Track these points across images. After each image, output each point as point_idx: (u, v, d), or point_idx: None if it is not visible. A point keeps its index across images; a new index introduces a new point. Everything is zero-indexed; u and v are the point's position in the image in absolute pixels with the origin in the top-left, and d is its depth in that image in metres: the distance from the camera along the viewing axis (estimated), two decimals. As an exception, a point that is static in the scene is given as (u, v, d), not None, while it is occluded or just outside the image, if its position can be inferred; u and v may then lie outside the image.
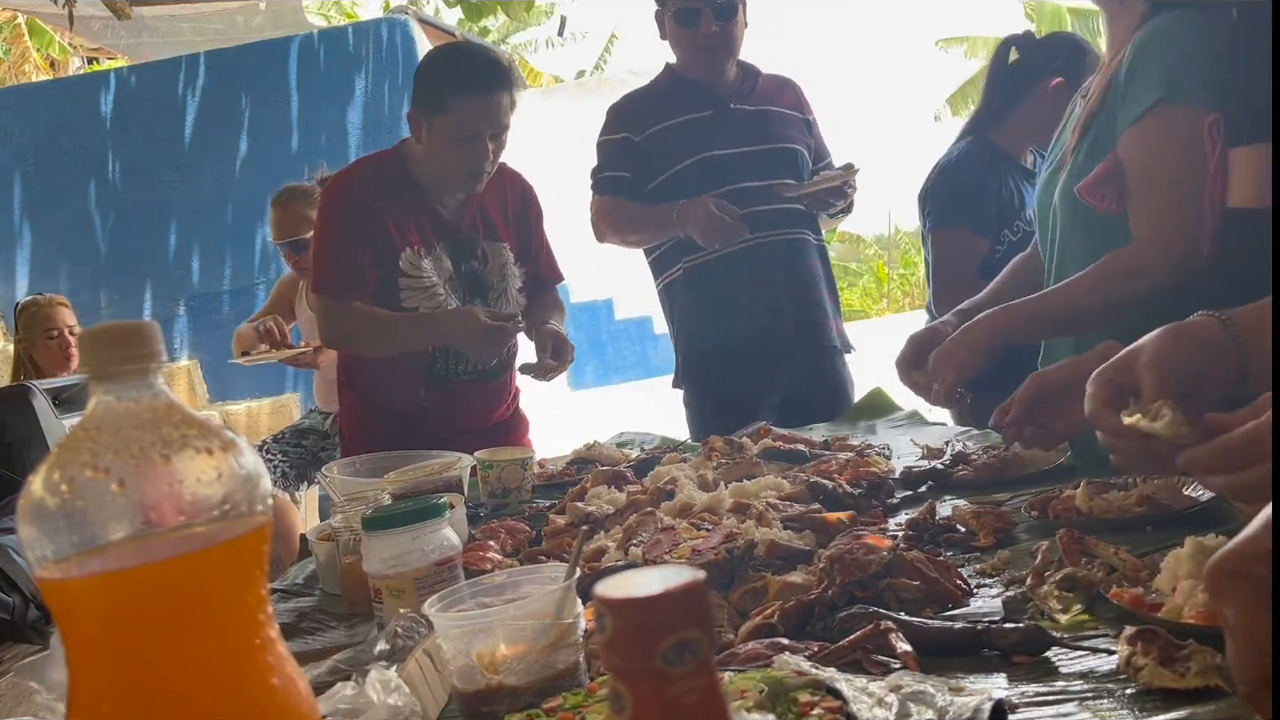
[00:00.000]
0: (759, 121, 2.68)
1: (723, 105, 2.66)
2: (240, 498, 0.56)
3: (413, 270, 2.37)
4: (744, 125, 2.66)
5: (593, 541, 1.42)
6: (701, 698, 0.43)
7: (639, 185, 2.66)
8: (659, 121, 2.65)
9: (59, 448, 0.55)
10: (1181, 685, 0.76)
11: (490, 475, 2.00)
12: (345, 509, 1.50)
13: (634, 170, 2.66)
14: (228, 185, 7.57)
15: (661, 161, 2.64)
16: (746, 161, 2.62)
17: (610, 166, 2.70)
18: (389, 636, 1.08)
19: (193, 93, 7.64)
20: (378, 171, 2.44)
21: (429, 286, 2.39)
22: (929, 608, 1.05)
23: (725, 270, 2.61)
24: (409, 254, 2.37)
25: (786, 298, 2.64)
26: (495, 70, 2.30)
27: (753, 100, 2.71)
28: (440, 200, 2.42)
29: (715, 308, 2.65)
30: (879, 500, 1.53)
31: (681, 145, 2.63)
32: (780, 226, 2.63)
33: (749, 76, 2.74)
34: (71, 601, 0.54)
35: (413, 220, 2.39)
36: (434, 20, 9.93)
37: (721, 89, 2.68)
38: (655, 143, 2.65)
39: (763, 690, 0.80)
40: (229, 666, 0.55)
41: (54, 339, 4.10)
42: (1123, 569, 1.04)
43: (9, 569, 1.83)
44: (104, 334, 0.57)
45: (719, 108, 2.66)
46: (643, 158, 2.66)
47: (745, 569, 1.19)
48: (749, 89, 2.72)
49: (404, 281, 2.37)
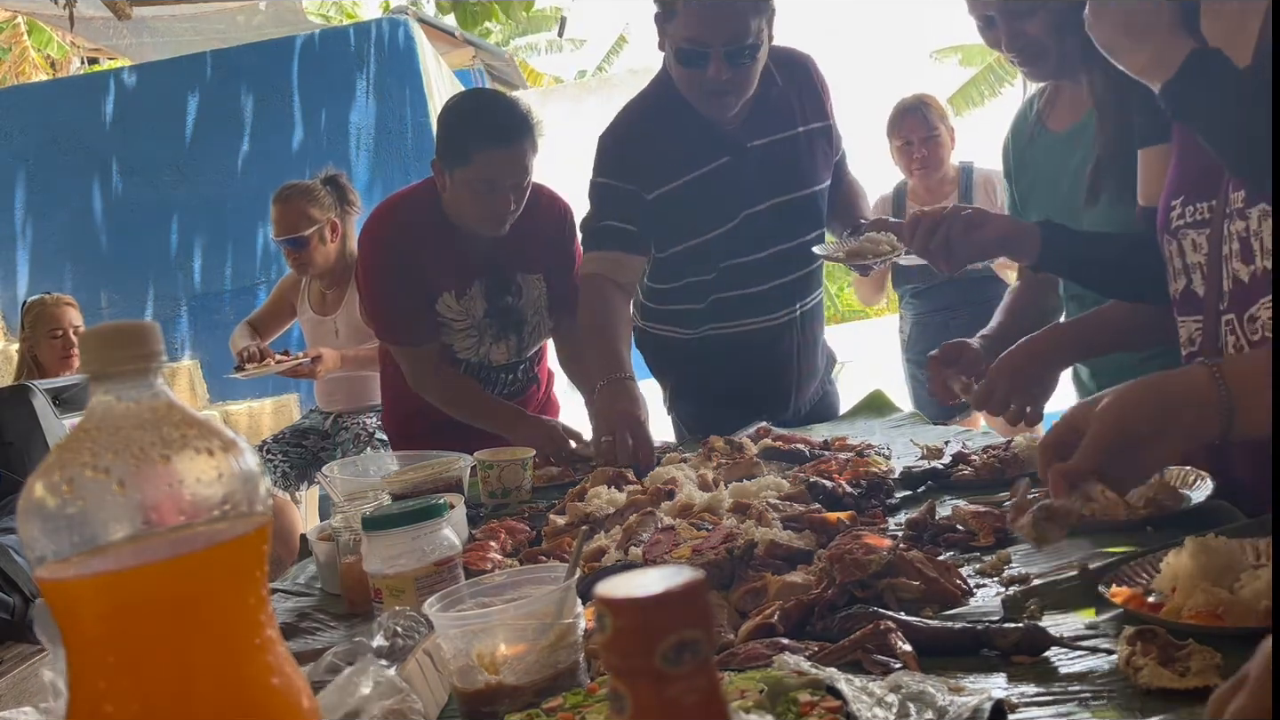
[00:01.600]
0: (782, 162, 2.28)
1: (740, 147, 2.24)
2: (240, 498, 0.56)
3: (449, 313, 2.43)
4: (764, 172, 2.27)
5: (593, 541, 1.42)
6: (701, 698, 0.43)
7: (646, 243, 2.29)
8: (668, 178, 2.23)
9: (59, 448, 0.55)
10: (1181, 685, 0.76)
11: (490, 475, 2.00)
12: (345, 509, 1.50)
13: (645, 225, 2.26)
14: (229, 185, 7.57)
15: (683, 225, 2.27)
16: (780, 218, 2.29)
17: (610, 215, 2.26)
18: (388, 634, 1.08)
19: (194, 92, 7.64)
20: (412, 213, 2.44)
21: (465, 327, 2.45)
22: (929, 608, 1.05)
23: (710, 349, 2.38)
24: (447, 298, 2.42)
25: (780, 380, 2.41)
26: (516, 121, 2.26)
27: (774, 123, 2.28)
28: (474, 237, 2.40)
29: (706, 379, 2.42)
30: (879, 500, 1.53)
31: (696, 209, 2.25)
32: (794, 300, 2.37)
33: (766, 85, 2.24)
34: (71, 601, 0.54)
35: (449, 262, 2.40)
36: (434, 20, 9.93)
37: (735, 126, 2.24)
38: (671, 204, 2.24)
39: (763, 690, 0.80)
40: (229, 666, 0.55)
41: (58, 338, 4.11)
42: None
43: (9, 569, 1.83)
44: (104, 334, 0.57)
45: (736, 152, 2.24)
46: (655, 218, 2.25)
47: (745, 569, 1.19)
48: (768, 108, 2.27)
49: (441, 323, 2.43)
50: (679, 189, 2.24)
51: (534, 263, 2.49)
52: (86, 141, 7.62)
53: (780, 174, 2.29)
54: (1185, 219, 1.36)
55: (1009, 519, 1.07)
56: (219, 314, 7.61)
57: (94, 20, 7.33)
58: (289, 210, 3.47)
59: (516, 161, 2.26)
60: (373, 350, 3.33)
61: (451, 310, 2.43)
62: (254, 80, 7.68)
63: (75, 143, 7.62)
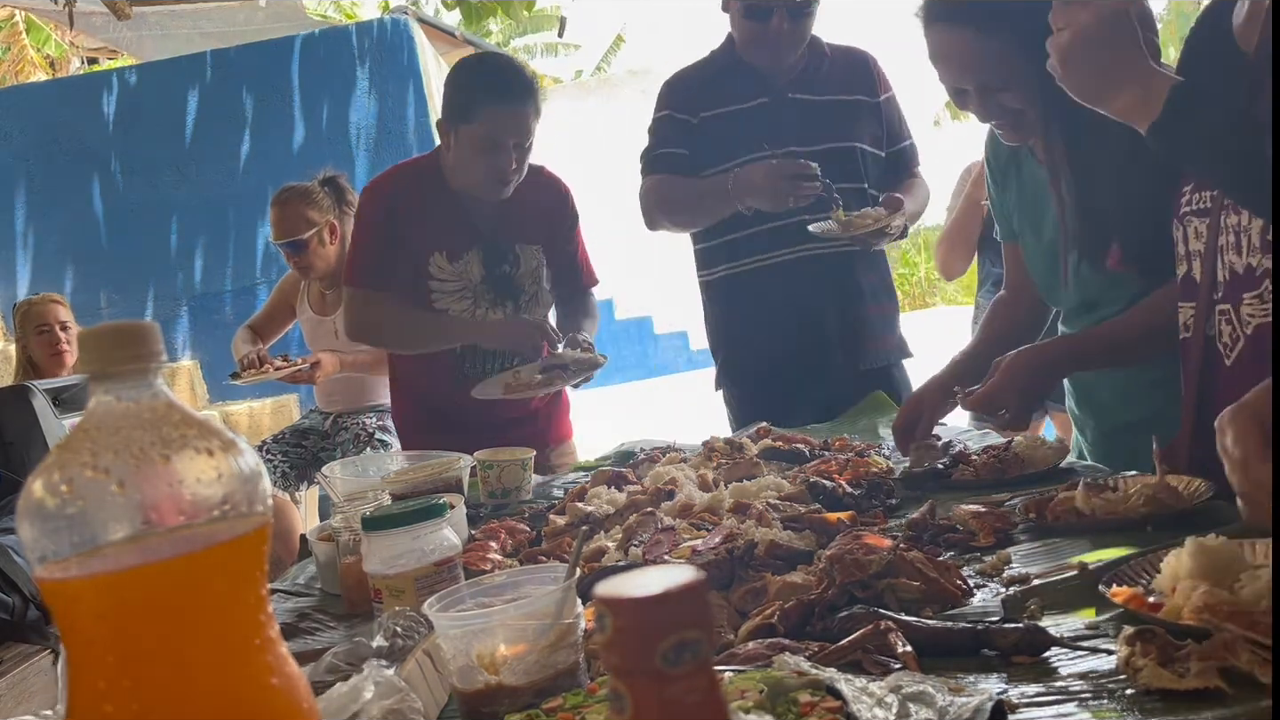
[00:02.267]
0: (819, 115, 2.46)
1: (781, 94, 2.46)
2: (240, 498, 0.56)
3: (440, 274, 2.44)
4: (802, 119, 2.44)
5: (593, 541, 1.42)
6: (701, 698, 0.43)
7: (696, 166, 2.46)
8: (713, 106, 2.46)
9: (59, 448, 0.55)
10: (1181, 686, 0.76)
11: (490, 475, 2.00)
12: (345, 509, 1.50)
13: (692, 150, 2.47)
14: (229, 185, 7.58)
15: (711, 152, 2.45)
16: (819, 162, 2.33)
17: (665, 144, 2.49)
18: (388, 634, 1.08)
19: (194, 92, 7.65)
20: (414, 177, 2.51)
21: (457, 290, 2.46)
22: (929, 608, 1.05)
23: (765, 283, 2.45)
24: (438, 258, 2.44)
25: (829, 315, 2.46)
26: (521, 81, 2.37)
27: (817, 87, 2.48)
28: (473, 205, 2.46)
29: (752, 322, 2.50)
30: (879, 500, 1.53)
31: (732, 138, 2.43)
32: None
33: (815, 56, 2.50)
34: (71, 602, 0.54)
35: (445, 225, 2.45)
36: (434, 20, 9.93)
37: (782, 76, 2.47)
38: (708, 130, 2.46)
39: (763, 690, 0.80)
40: (229, 666, 0.55)
41: (45, 334, 4.13)
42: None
43: (9, 569, 1.83)
44: (104, 334, 0.57)
45: (777, 96, 2.45)
46: (699, 141, 2.46)
47: (745, 569, 1.19)
48: (814, 73, 2.49)
49: (433, 285, 2.44)
50: (714, 119, 2.45)
51: (533, 234, 2.54)
52: (86, 141, 7.63)
53: (814, 123, 2.44)
54: (1192, 205, 1.39)
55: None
56: (219, 314, 7.62)
57: (93, 16, 7.33)
58: (287, 213, 3.46)
59: (520, 120, 2.34)
60: (371, 354, 3.33)
61: (443, 271, 2.45)
62: (254, 80, 7.69)
63: (75, 143, 7.63)
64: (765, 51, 2.43)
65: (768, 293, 2.46)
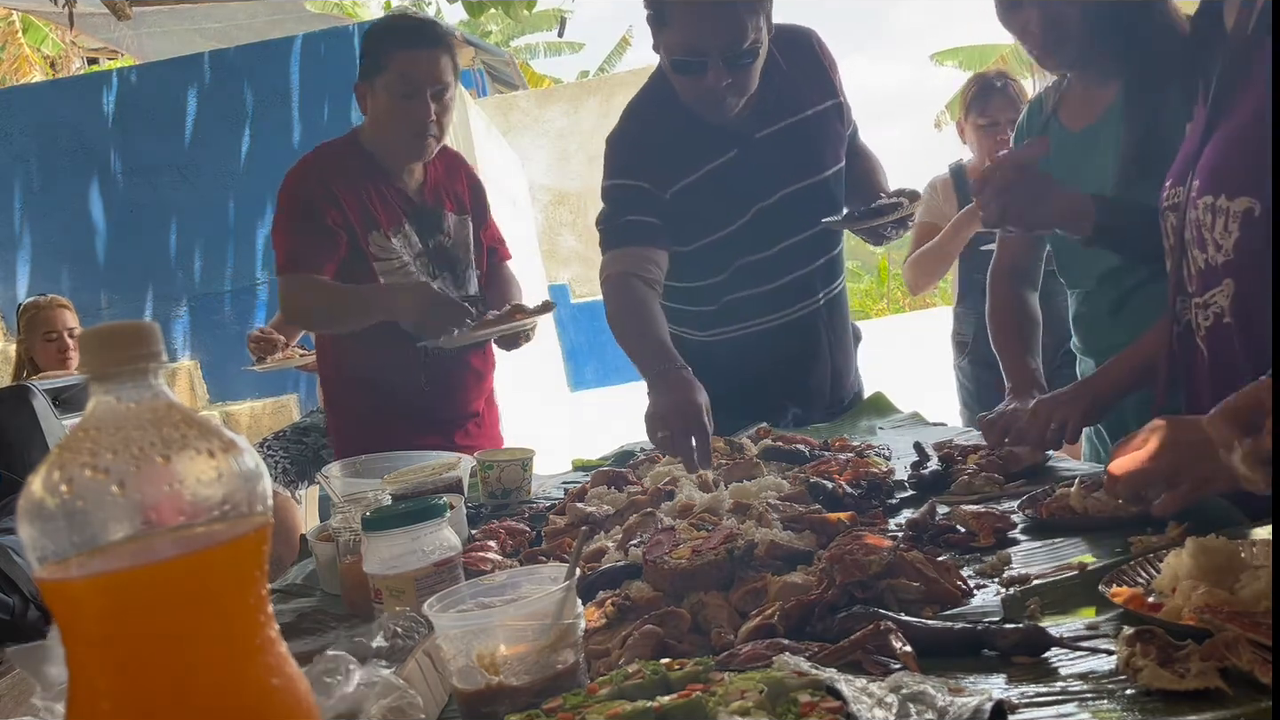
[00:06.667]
0: (791, 145, 2.20)
1: (747, 140, 2.17)
2: (240, 498, 0.56)
3: (382, 251, 2.42)
4: (776, 158, 2.18)
5: (593, 542, 1.42)
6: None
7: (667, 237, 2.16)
8: (681, 174, 2.15)
9: (59, 448, 0.55)
10: (1181, 686, 0.76)
11: (490, 475, 2.00)
12: (345, 509, 1.50)
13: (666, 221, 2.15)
14: (229, 185, 7.57)
15: (700, 223, 2.18)
16: (795, 208, 2.19)
17: (631, 211, 2.14)
18: (388, 634, 1.08)
19: (194, 92, 7.64)
20: (336, 155, 2.47)
21: (401, 265, 2.43)
22: (929, 608, 1.05)
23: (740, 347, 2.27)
24: (376, 235, 2.42)
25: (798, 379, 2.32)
26: (432, 29, 2.43)
27: (783, 108, 2.20)
28: (401, 176, 2.47)
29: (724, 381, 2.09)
30: (879, 501, 1.53)
31: (718, 201, 2.17)
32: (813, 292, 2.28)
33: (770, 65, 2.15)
34: (71, 602, 0.54)
35: (377, 199, 2.43)
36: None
37: (742, 117, 2.14)
38: (687, 200, 2.15)
39: (763, 690, 0.80)
40: (229, 667, 0.55)
41: (53, 341, 4.11)
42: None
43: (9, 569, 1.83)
44: (104, 334, 0.57)
45: (744, 144, 2.16)
46: (673, 215, 2.15)
47: (745, 569, 1.19)
48: (775, 93, 2.18)
49: (377, 266, 2.41)
50: (695, 184, 2.15)
51: (459, 203, 2.56)
52: (86, 141, 7.62)
53: (792, 162, 2.20)
54: (1168, 201, 1.42)
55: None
56: (219, 314, 7.61)
57: (93, 16, 7.33)
58: None
59: (434, 64, 2.36)
60: None
61: (385, 250, 2.42)
62: (254, 80, 7.68)
63: (75, 143, 7.62)
64: (707, 107, 2.10)
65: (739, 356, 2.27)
